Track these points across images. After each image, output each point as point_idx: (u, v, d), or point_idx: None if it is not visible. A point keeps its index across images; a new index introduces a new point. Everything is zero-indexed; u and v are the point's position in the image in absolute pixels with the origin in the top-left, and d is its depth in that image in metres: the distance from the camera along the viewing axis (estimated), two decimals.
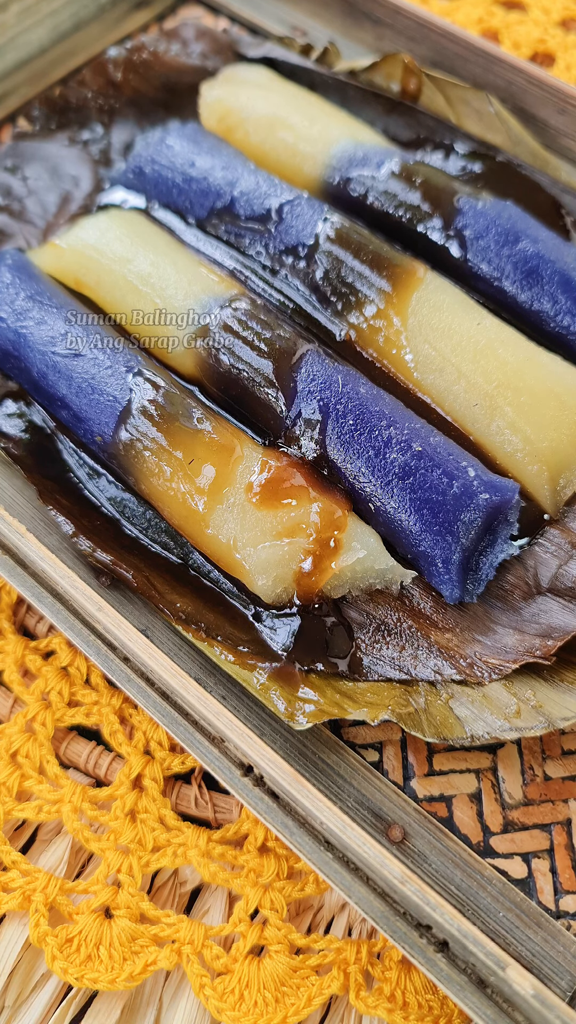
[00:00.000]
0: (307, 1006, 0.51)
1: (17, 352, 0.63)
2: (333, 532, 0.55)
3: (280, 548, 0.55)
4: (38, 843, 0.58)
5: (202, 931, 0.53)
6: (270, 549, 0.55)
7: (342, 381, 0.58)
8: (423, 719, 0.52)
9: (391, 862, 0.45)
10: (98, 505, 0.61)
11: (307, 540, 0.55)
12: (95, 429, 0.60)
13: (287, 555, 0.55)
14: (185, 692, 0.50)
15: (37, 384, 0.63)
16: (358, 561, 0.55)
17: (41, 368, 0.62)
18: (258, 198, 0.68)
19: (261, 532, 0.55)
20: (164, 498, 0.58)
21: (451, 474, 0.55)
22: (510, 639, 0.54)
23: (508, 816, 0.53)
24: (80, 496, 0.61)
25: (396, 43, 0.81)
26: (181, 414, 0.58)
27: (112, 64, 0.79)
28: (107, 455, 0.60)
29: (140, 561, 0.58)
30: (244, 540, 0.55)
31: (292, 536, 0.55)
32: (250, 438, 0.60)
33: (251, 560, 0.55)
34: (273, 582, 0.55)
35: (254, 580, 0.56)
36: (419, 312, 0.61)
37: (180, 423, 0.58)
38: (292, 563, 0.55)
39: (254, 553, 0.55)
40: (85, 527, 0.58)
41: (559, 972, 0.47)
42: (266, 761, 0.48)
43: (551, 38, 0.89)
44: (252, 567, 0.55)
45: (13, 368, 0.64)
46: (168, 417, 0.58)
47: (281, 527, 0.55)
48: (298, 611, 0.56)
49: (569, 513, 0.59)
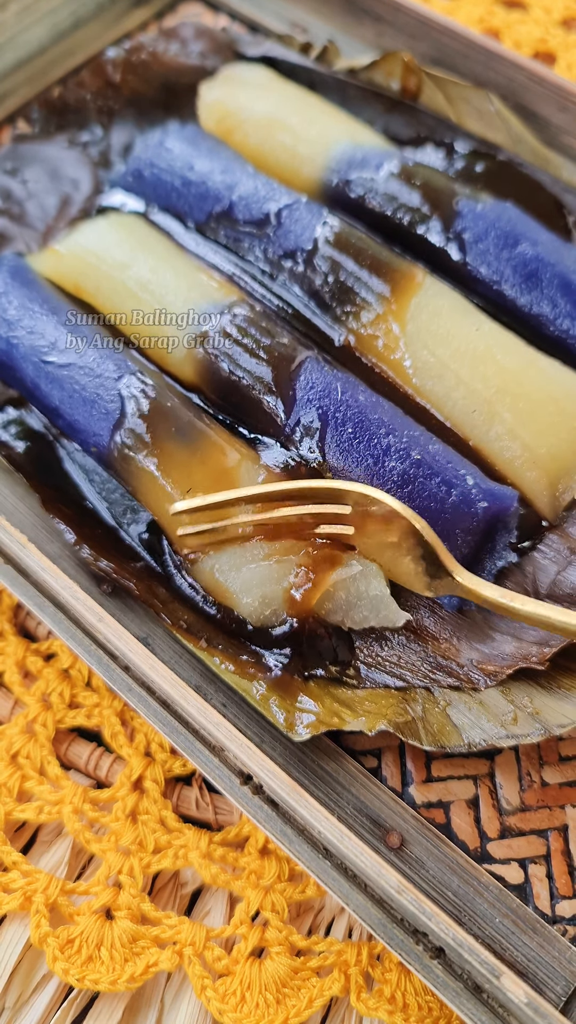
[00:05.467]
0: (308, 1008, 0.51)
1: (11, 363, 0.63)
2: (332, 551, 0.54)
3: (268, 567, 0.53)
4: (39, 844, 0.58)
5: (203, 933, 0.53)
6: (256, 569, 0.54)
7: (341, 389, 0.58)
8: (420, 727, 0.52)
9: (388, 871, 0.46)
10: (98, 513, 0.61)
11: (299, 555, 0.53)
12: (90, 440, 0.60)
13: (277, 572, 0.53)
14: (185, 702, 0.50)
15: (32, 394, 0.63)
16: (352, 580, 0.53)
17: (34, 378, 0.62)
18: (257, 202, 0.67)
19: (251, 556, 0.54)
20: (158, 512, 0.58)
21: (450, 482, 0.55)
22: (508, 646, 0.55)
23: (505, 822, 0.53)
24: (81, 505, 0.61)
25: (397, 40, 0.81)
26: (175, 430, 0.58)
27: (111, 65, 0.78)
28: (104, 464, 0.60)
29: (142, 569, 0.58)
30: (229, 564, 0.55)
31: (284, 554, 0.54)
32: (248, 452, 0.59)
33: (234, 580, 0.54)
34: (260, 603, 0.54)
35: (238, 600, 0.54)
36: (418, 318, 0.61)
37: (174, 440, 0.58)
38: (282, 580, 0.53)
39: (238, 574, 0.54)
40: (87, 535, 0.58)
41: (554, 977, 0.48)
42: (265, 771, 0.48)
43: (552, 37, 0.88)
44: (236, 587, 0.54)
45: (10, 378, 0.64)
46: (161, 434, 0.58)
47: (274, 549, 0.54)
48: (295, 625, 0.55)
49: (568, 519, 0.59)
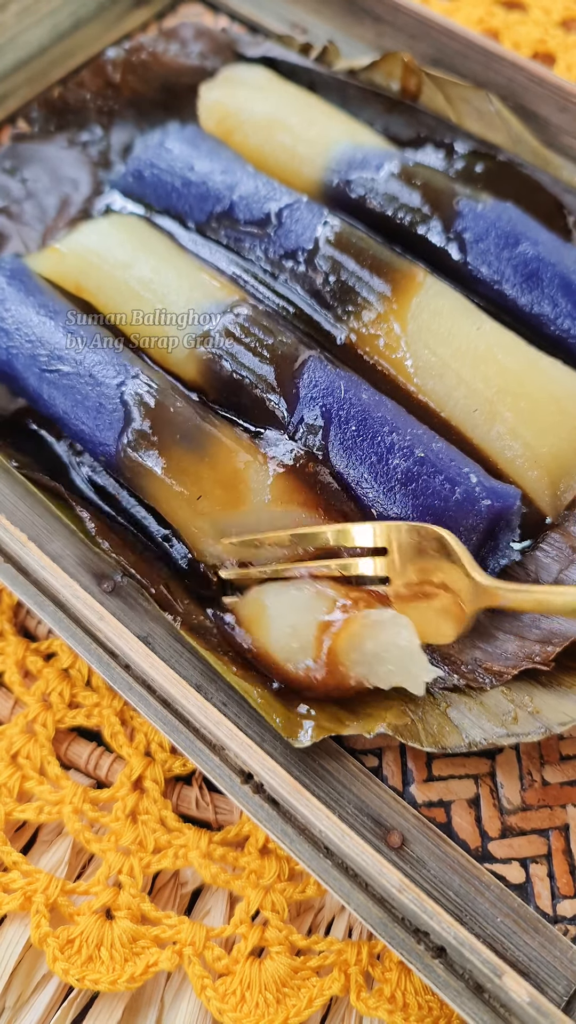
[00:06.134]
0: (308, 1007, 0.51)
1: (13, 372, 0.62)
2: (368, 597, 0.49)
3: (304, 596, 0.49)
4: (39, 844, 0.58)
5: (203, 932, 0.53)
6: (293, 594, 0.50)
7: (344, 387, 0.58)
8: (420, 729, 0.52)
9: (389, 870, 0.46)
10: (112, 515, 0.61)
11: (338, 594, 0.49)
12: (98, 449, 0.59)
13: (313, 602, 0.49)
14: (185, 701, 0.50)
15: (36, 403, 0.62)
16: (383, 626, 0.48)
17: (37, 388, 0.61)
18: (257, 202, 0.67)
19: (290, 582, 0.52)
20: (172, 516, 0.57)
21: (453, 480, 0.55)
22: (511, 645, 0.55)
23: (506, 821, 0.53)
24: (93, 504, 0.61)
25: (396, 40, 0.81)
26: (180, 433, 0.57)
27: (111, 65, 0.78)
28: (114, 471, 0.60)
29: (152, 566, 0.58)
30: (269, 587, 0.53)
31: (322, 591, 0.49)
32: (256, 452, 0.58)
33: (270, 599, 0.52)
34: (291, 631, 0.50)
35: (270, 623, 0.51)
36: (419, 317, 0.61)
37: (179, 443, 0.57)
38: (317, 611, 0.49)
39: (275, 596, 0.51)
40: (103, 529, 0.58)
41: (555, 977, 0.48)
42: (265, 770, 0.48)
43: (551, 38, 0.88)
44: (271, 608, 0.51)
45: (16, 388, 0.64)
46: (166, 437, 0.57)
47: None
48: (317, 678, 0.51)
49: (570, 517, 0.59)
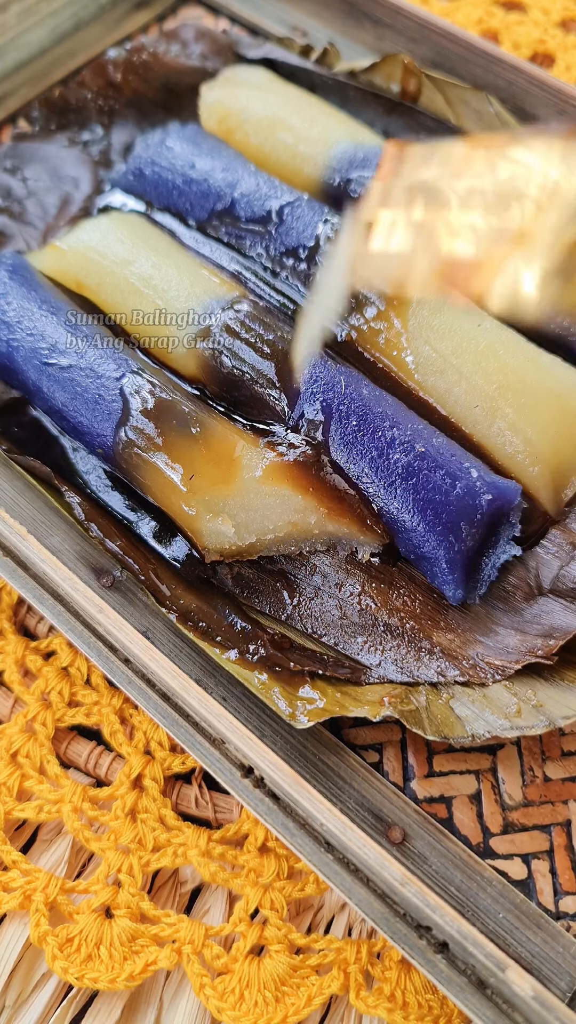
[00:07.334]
0: (307, 1006, 0.51)
1: (13, 365, 0.62)
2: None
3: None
4: (38, 843, 0.58)
5: (202, 931, 0.53)
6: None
7: (345, 382, 0.58)
8: (424, 717, 0.52)
9: (391, 864, 0.45)
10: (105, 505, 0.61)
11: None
12: (96, 442, 0.60)
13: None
14: (185, 694, 0.50)
15: (35, 396, 0.63)
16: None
17: (36, 381, 0.62)
18: (258, 200, 0.67)
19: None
20: (167, 505, 0.58)
21: (454, 475, 0.55)
22: (512, 640, 0.55)
23: (508, 817, 0.53)
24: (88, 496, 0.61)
25: (396, 43, 0.81)
26: (177, 423, 0.58)
27: (112, 65, 0.78)
28: (111, 464, 0.60)
29: (146, 555, 0.58)
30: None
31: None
32: (251, 438, 0.59)
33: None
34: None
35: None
36: (419, 313, 0.61)
37: (177, 433, 0.58)
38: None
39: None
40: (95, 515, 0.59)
41: (559, 973, 0.47)
42: (266, 763, 0.48)
43: (551, 39, 0.89)
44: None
45: (13, 381, 0.64)
46: (164, 427, 0.58)
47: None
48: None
49: (570, 514, 0.59)
